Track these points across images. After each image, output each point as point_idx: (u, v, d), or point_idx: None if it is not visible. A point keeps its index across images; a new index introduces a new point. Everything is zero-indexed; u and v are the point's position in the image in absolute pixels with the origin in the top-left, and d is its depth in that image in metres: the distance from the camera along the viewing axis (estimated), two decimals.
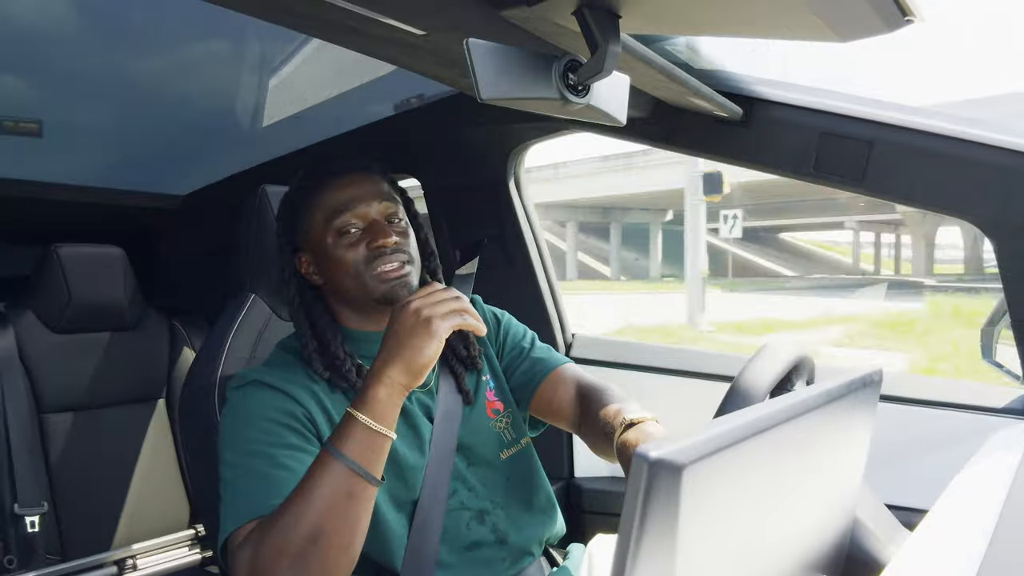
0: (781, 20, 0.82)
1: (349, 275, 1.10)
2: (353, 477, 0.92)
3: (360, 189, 1.12)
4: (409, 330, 0.94)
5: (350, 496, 0.92)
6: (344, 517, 0.92)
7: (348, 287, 1.11)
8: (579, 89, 0.89)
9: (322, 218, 1.11)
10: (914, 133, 1.36)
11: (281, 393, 1.04)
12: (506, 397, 1.25)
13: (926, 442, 1.48)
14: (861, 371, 0.79)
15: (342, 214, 1.10)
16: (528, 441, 1.25)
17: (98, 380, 2.08)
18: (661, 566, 0.44)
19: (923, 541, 0.72)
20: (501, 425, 1.22)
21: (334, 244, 1.10)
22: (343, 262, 1.10)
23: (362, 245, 1.10)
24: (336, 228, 1.10)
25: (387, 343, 0.95)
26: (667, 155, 10.66)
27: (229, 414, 1.06)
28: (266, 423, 1.02)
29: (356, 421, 0.93)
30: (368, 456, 0.93)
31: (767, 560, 0.63)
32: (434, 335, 0.93)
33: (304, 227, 1.13)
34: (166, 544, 2.08)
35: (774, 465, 0.60)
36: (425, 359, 0.93)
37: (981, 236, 1.40)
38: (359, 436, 0.93)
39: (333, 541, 0.91)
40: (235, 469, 1.00)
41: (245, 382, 1.07)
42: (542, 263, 1.97)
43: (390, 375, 0.93)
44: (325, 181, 1.13)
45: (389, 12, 0.92)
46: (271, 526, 0.91)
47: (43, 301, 2.02)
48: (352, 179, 1.13)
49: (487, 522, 1.14)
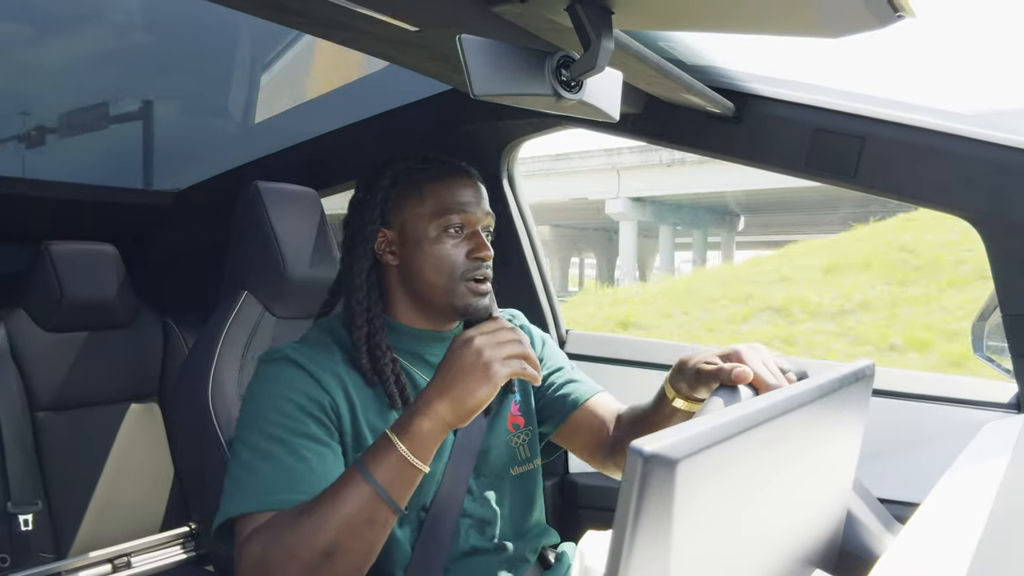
0: (772, 16, 0.83)
1: (441, 271, 1.08)
2: (378, 502, 0.90)
3: (475, 194, 1.11)
4: (467, 369, 0.90)
5: (372, 522, 0.90)
6: (361, 540, 0.91)
7: (431, 281, 1.09)
8: (572, 85, 0.89)
9: (432, 207, 1.09)
10: (906, 129, 1.37)
11: (311, 378, 1.02)
12: (529, 415, 1.24)
13: (918, 436, 1.49)
14: (854, 366, 0.80)
15: (454, 212, 1.09)
16: (539, 464, 1.24)
17: (91, 378, 2.07)
18: (655, 560, 0.45)
19: (915, 534, 0.72)
20: (518, 440, 1.20)
21: (437, 237, 1.09)
22: (440, 257, 1.08)
23: (462, 250, 1.09)
24: (442, 224, 1.08)
25: (441, 375, 0.92)
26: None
27: (255, 389, 1.04)
28: (290, 405, 1.00)
29: (393, 448, 0.90)
30: (398, 485, 0.91)
31: (761, 554, 0.64)
32: (491, 380, 0.90)
33: (402, 208, 1.11)
34: (160, 542, 2.07)
35: (768, 459, 0.60)
36: (476, 402, 0.90)
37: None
38: (393, 464, 0.90)
39: (346, 559, 0.90)
40: (251, 449, 0.98)
41: (277, 357, 1.05)
42: (536, 260, 1.97)
43: (437, 410, 0.90)
44: (440, 173, 1.11)
45: (382, 8, 0.91)
46: (288, 528, 0.90)
47: (35, 299, 2.01)
48: (466, 181, 1.12)
49: (486, 533, 1.13)
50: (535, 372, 0.94)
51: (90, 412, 2.06)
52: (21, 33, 2.10)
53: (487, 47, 0.81)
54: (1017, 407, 1.41)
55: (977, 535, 0.66)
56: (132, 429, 2.11)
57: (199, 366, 1.31)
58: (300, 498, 0.94)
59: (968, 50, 45.67)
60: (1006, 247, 1.32)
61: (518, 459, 1.20)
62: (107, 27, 2.26)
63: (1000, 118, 1.31)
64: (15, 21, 2.08)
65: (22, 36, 2.10)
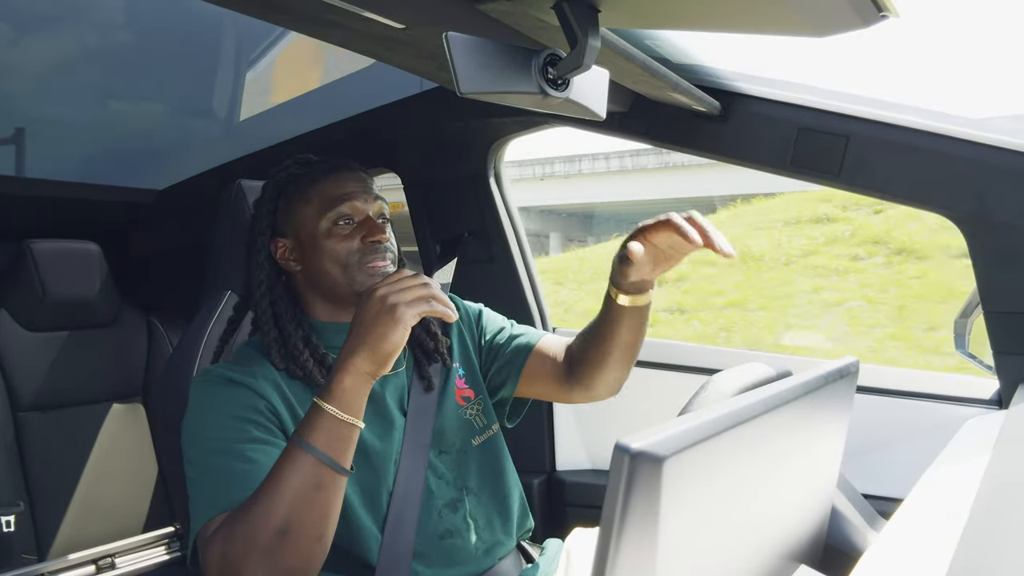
0: (757, 14, 0.83)
1: (338, 265, 1.11)
2: (321, 468, 0.91)
3: (357, 185, 1.14)
4: (374, 317, 0.93)
5: (319, 487, 0.91)
6: (313, 508, 0.91)
7: (333, 277, 1.11)
8: (559, 83, 0.89)
9: (317, 207, 1.12)
10: (890, 128, 1.38)
11: (243, 387, 1.04)
12: (478, 385, 1.26)
13: (901, 433, 1.50)
14: (838, 363, 0.80)
15: (339, 206, 1.11)
16: (498, 428, 1.27)
17: (74, 378, 2.05)
18: (642, 557, 0.45)
19: (899, 530, 0.73)
20: (472, 412, 1.23)
21: (327, 234, 1.11)
22: (334, 252, 1.11)
23: (356, 239, 1.11)
24: (331, 218, 1.11)
25: (353, 331, 0.94)
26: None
27: (191, 411, 1.06)
28: (228, 420, 1.01)
29: (322, 411, 0.92)
30: (335, 446, 0.92)
31: (747, 550, 0.64)
32: (399, 322, 0.92)
33: (292, 213, 1.14)
34: (144, 542, 2.06)
35: (753, 456, 0.61)
36: (390, 346, 0.92)
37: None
38: (326, 426, 0.92)
39: (303, 533, 0.90)
40: (199, 467, 1.00)
41: (208, 378, 1.07)
42: (523, 257, 1.97)
43: (355, 363, 0.93)
44: (321, 172, 1.14)
45: (368, 5, 0.91)
46: (240, 520, 0.91)
47: (16, 298, 1.98)
48: (348, 175, 1.15)
49: (459, 511, 1.14)
50: (445, 308, 0.96)
51: (73, 412, 2.04)
52: (1, 32, 2.07)
53: (473, 45, 0.81)
54: (998, 403, 1.43)
55: (959, 530, 0.66)
56: (116, 429, 2.09)
57: (183, 365, 1.30)
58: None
59: (984, 53, 45.32)
60: (988, 245, 1.34)
61: (476, 429, 1.22)
62: (90, 25, 2.24)
63: (1014, 123, 1.32)
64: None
65: (2, 35, 2.08)
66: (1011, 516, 0.71)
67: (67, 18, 2.19)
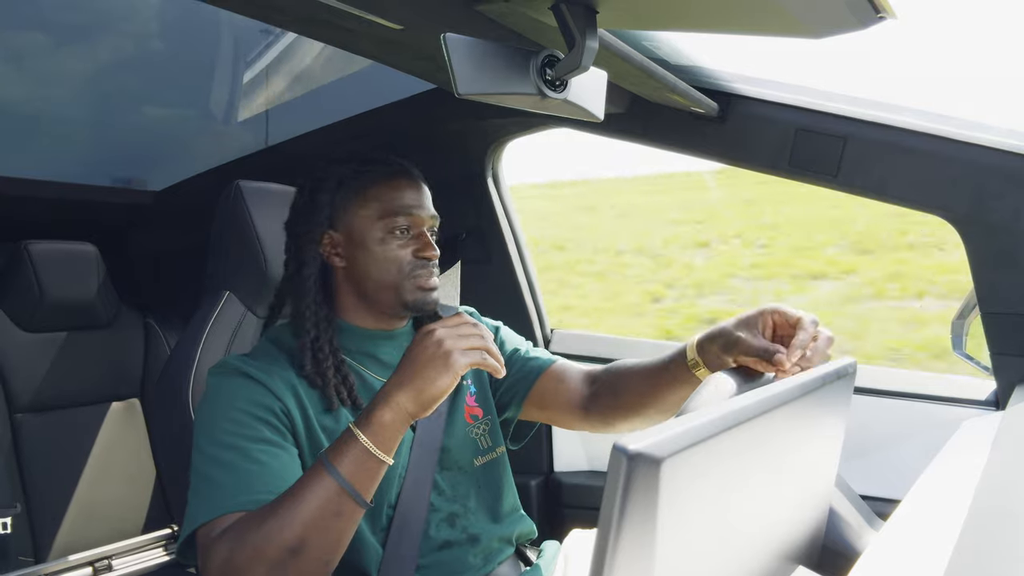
0: (755, 16, 0.83)
1: (388, 272, 1.10)
2: (343, 496, 0.90)
3: (420, 196, 1.14)
4: (428, 359, 0.92)
5: (338, 515, 0.91)
6: (328, 534, 0.91)
7: (379, 282, 1.11)
8: (557, 84, 0.89)
9: (375, 211, 1.11)
10: (888, 129, 1.38)
11: (259, 385, 1.03)
12: (487, 405, 1.25)
13: (899, 433, 1.51)
14: (836, 364, 0.80)
15: (399, 214, 1.11)
16: (503, 451, 1.25)
17: (71, 379, 2.04)
18: (640, 558, 0.45)
19: (896, 530, 0.73)
20: (478, 431, 1.21)
21: (382, 239, 1.10)
22: (386, 258, 1.10)
23: (408, 250, 1.11)
24: (388, 226, 1.11)
25: (403, 366, 0.93)
26: None
27: (205, 401, 1.05)
28: (241, 414, 1.01)
29: (356, 440, 0.91)
30: (361, 477, 0.91)
31: (744, 551, 0.64)
32: (450, 368, 0.91)
33: (346, 210, 1.12)
34: (142, 544, 2.05)
35: (751, 457, 0.61)
36: (437, 391, 0.91)
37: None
38: (356, 456, 0.91)
39: (313, 555, 0.90)
40: (208, 460, 0.99)
41: (225, 370, 1.06)
42: (520, 258, 1.97)
43: (399, 400, 0.92)
44: (382, 175, 1.13)
45: (366, 6, 0.91)
46: (253, 529, 0.90)
47: (14, 299, 1.98)
48: (407, 183, 1.14)
49: (457, 525, 1.14)
50: (496, 364, 0.95)
51: (70, 413, 2.04)
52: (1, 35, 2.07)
53: (471, 46, 0.81)
54: (995, 404, 1.43)
55: (957, 530, 0.66)
56: (113, 430, 2.09)
57: (181, 366, 1.30)
58: (261, 499, 0.94)
59: (984, 53, 44.73)
60: (985, 247, 1.34)
61: (480, 449, 1.21)
62: (88, 27, 2.23)
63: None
64: None
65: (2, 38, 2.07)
66: (1008, 516, 0.71)
67: (66, 20, 2.19)
